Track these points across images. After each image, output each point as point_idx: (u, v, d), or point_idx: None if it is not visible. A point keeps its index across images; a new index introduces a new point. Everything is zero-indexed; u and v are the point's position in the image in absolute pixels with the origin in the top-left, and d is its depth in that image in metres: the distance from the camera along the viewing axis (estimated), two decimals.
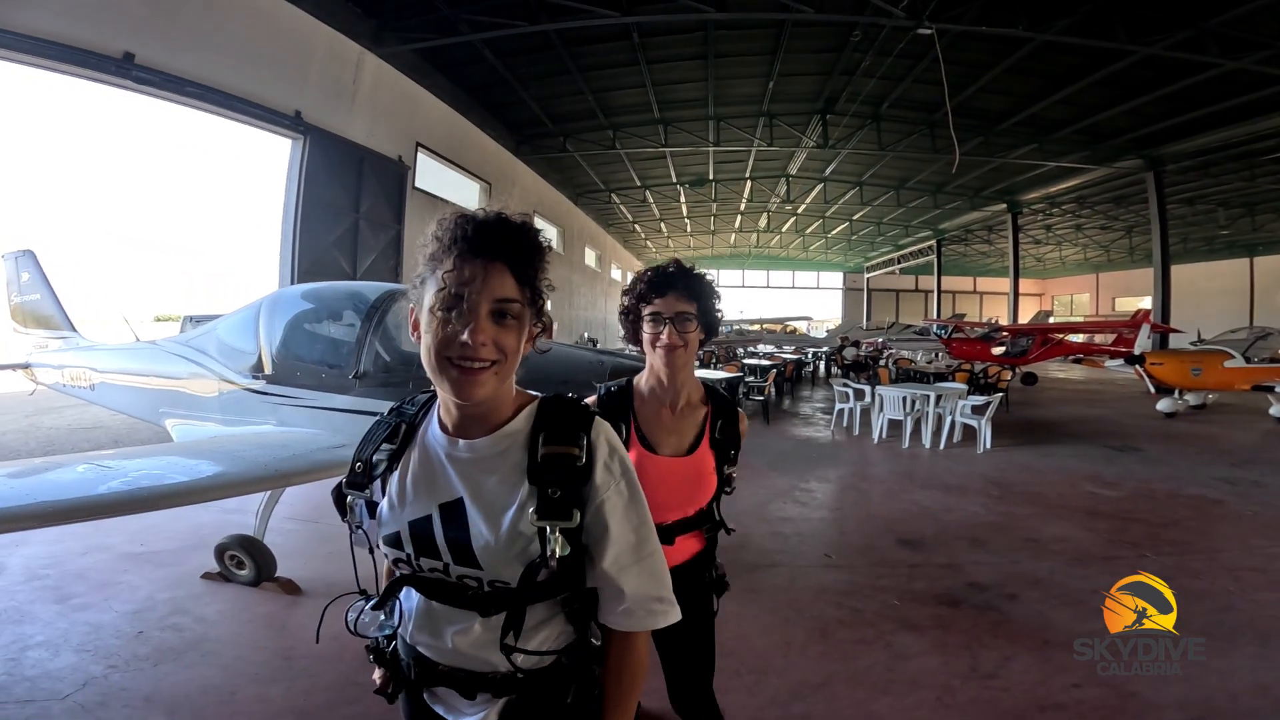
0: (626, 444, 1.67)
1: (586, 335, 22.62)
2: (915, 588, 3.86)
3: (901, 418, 8.37)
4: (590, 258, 28.85)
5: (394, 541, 1.08)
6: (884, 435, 8.53)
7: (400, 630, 1.14)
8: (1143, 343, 12.21)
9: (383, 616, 1.17)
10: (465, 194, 15.56)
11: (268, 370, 4.10)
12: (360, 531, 1.12)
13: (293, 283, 9.20)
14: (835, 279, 44.63)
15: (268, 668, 2.86)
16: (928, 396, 8.33)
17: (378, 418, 1.17)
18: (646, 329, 1.73)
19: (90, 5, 6.90)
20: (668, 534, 1.74)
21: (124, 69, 7.13)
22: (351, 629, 1.17)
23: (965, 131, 13.79)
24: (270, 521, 3.81)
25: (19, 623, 3.22)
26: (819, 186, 23.43)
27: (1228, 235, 25.87)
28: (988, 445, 7.85)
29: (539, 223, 19.57)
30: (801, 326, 31.02)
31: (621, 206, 26.61)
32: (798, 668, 2.94)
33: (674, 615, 1.11)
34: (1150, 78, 12.13)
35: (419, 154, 12.70)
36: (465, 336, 0.95)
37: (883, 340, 21.30)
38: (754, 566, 4.13)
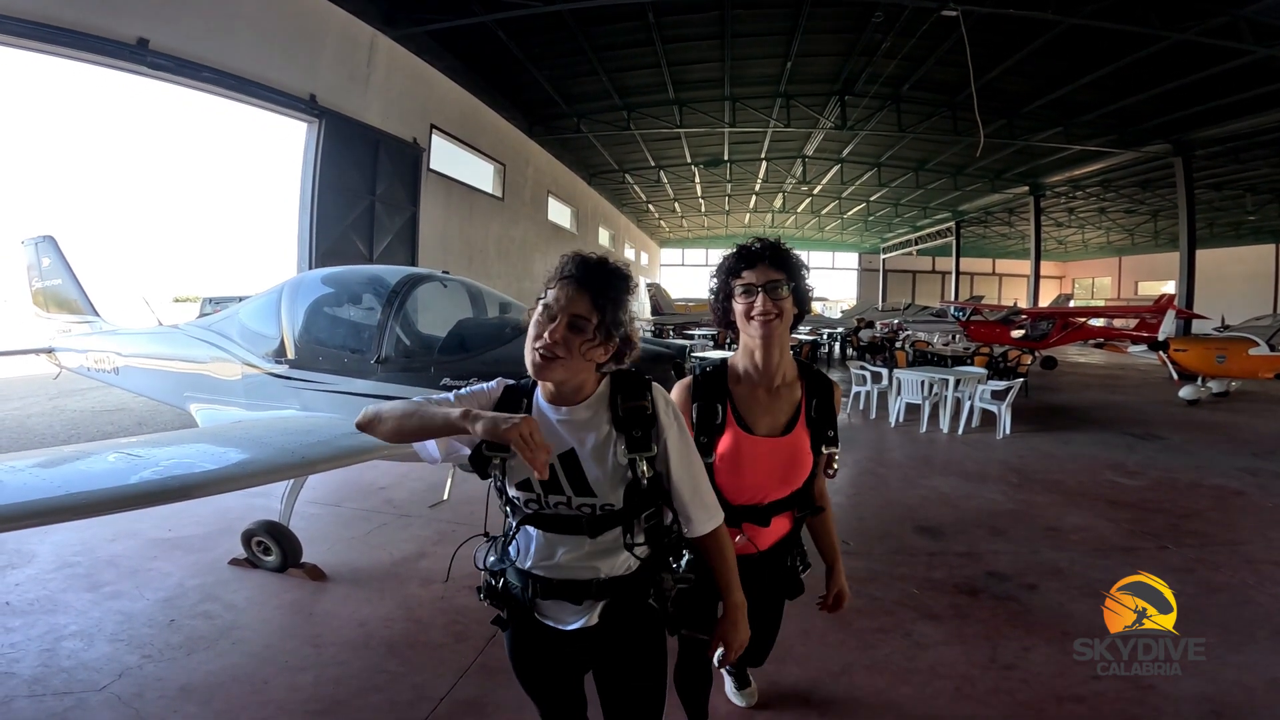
0: (723, 424, 1.75)
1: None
2: (934, 576, 3.85)
3: (919, 401, 8.32)
4: (604, 238, 28.74)
5: (526, 485, 1.42)
6: (901, 419, 8.49)
7: (517, 562, 1.48)
8: (1167, 328, 12.01)
9: (495, 555, 1.53)
10: (480, 175, 15.52)
11: (290, 355, 4.14)
12: (500, 482, 1.45)
13: (310, 265, 9.26)
14: (850, 259, 44.22)
15: (297, 655, 2.90)
16: (946, 380, 8.27)
17: (489, 391, 1.49)
18: (739, 303, 1.72)
19: None
20: (764, 515, 1.79)
21: (138, 55, 7.11)
22: (481, 567, 1.54)
23: (989, 114, 13.54)
24: (295, 506, 3.86)
25: (52, 612, 3.26)
26: (836, 168, 23.15)
27: (1255, 221, 25.39)
28: (1007, 431, 7.79)
29: (552, 203, 19.57)
30: (817, 307, 30.80)
31: (635, 187, 26.44)
32: (817, 656, 2.95)
33: (718, 519, 1.51)
34: (1182, 63, 11.82)
35: (433, 136, 12.65)
36: (546, 334, 1.33)
37: (899, 322, 21.12)
38: None
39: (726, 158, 22.13)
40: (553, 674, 1.56)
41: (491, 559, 1.53)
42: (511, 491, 1.44)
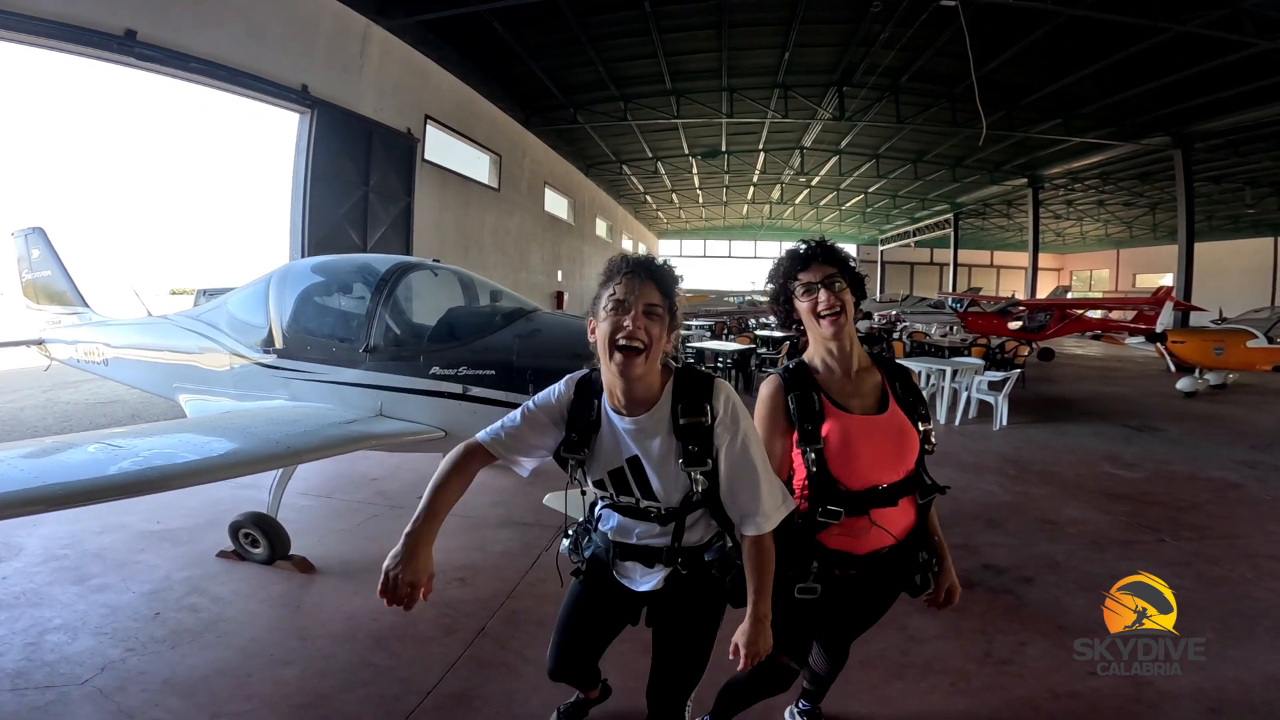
0: (823, 410, 1.75)
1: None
2: None
3: None
4: (601, 228, 28.69)
5: (600, 485, 1.63)
6: None
7: (603, 529, 1.70)
8: (1165, 320, 11.98)
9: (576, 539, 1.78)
10: (476, 166, 15.44)
11: (279, 344, 4.10)
12: (575, 480, 1.66)
13: (304, 256, 9.18)
14: (848, 251, 43.95)
15: (283, 649, 2.85)
16: (943, 371, 8.24)
17: (559, 398, 1.64)
18: (802, 303, 1.80)
19: None
20: (890, 496, 1.78)
21: (126, 46, 7.05)
22: (563, 551, 1.80)
23: (987, 106, 13.44)
24: (283, 497, 3.80)
25: (37, 605, 3.20)
26: (834, 159, 23.09)
27: (1254, 214, 25.36)
28: (1004, 422, 7.76)
29: (549, 194, 19.58)
30: None
31: (633, 178, 26.36)
32: None
33: (766, 526, 1.56)
34: (1183, 56, 11.77)
35: (428, 126, 12.58)
36: (627, 323, 1.44)
37: (896, 313, 21.08)
38: None
39: (724, 149, 22.08)
40: (606, 614, 1.79)
41: (566, 544, 1.79)
42: (588, 487, 1.66)
